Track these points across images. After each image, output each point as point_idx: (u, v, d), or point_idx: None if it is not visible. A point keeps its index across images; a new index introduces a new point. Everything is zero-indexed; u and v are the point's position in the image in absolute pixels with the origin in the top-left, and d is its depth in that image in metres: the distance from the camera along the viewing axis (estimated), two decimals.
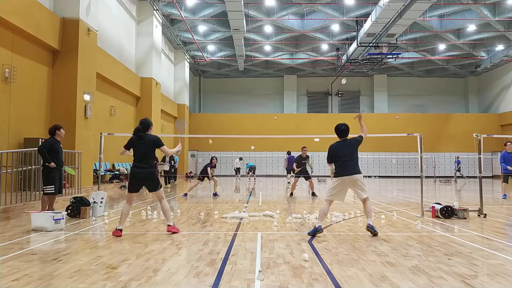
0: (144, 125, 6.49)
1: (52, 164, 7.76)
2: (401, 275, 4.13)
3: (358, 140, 6.61)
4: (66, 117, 12.71)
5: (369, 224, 6.32)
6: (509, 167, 12.39)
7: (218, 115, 34.66)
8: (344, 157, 6.43)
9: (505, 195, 12.88)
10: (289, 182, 14.54)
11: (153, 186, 6.52)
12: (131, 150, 6.54)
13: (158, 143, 6.47)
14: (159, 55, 23.32)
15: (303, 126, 32.34)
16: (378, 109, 36.19)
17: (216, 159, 14.13)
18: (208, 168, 13.76)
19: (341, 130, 6.62)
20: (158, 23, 22.74)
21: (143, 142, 6.40)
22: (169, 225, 6.59)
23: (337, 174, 6.49)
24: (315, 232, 6.24)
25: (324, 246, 5.60)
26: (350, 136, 6.71)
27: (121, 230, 6.31)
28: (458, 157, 27.18)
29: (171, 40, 28.16)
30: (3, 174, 8.26)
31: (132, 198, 6.56)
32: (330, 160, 6.62)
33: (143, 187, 6.64)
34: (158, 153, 8.74)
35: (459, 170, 26.40)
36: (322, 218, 6.44)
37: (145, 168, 6.39)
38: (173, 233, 6.47)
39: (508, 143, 12.63)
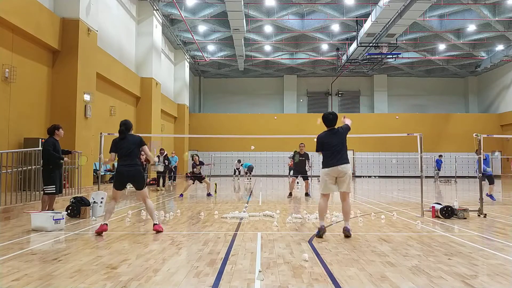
0: (127, 126, 6.65)
1: (66, 159, 8.05)
2: (401, 275, 4.13)
3: (345, 128, 6.50)
4: (66, 117, 12.71)
5: (346, 227, 6.17)
6: (488, 169, 12.35)
7: (218, 115, 34.65)
8: (332, 147, 6.33)
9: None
10: (298, 182, 14.54)
11: (139, 185, 6.62)
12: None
13: (142, 142, 6.68)
14: (159, 55, 23.33)
15: (303, 126, 32.32)
16: (378, 109, 36.19)
17: (198, 156, 14.00)
18: (194, 169, 13.74)
19: (329, 119, 6.51)
20: (158, 23, 22.74)
21: (127, 142, 6.56)
22: (155, 224, 6.59)
23: (325, 164, 6.39)
24: (319, 233, 6.12)
25: (324, 246, 5.60)
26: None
27: (106, 224, 6.37)
28: (440, 156, 26.92)
29: (171, 40, 28.16)
30: (3, 174, 8.26)
31: (118, 195, 6.69)
32: (319, 148, 6.51)
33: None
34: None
35: (438, 170, 26.24)
36: (322, 217, 6.32)
37: (133, 166, 6.51)
38: (158, 232, 6.48)
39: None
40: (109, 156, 6.75)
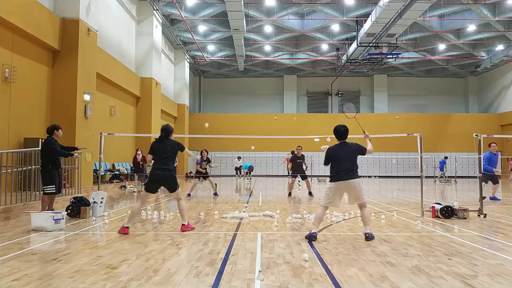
0: (166, 132, 6.86)
1: (77, 154, 8.47)
2: (401, 275, 4.13)
3: (360, 150, 6.30)
4: (66, 117, 12.71)
5: (368, 232, 6.06)
6: (496, 170, 12.33)
7: (218, 115, 34.65)
8: (341, 161, 6.15)
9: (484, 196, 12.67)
10: (299, 181, 14.53)
11: (172, 187, 6.76)
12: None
13: (181, 147, 6.98)
14: (159, 55, 23.33)
15: (303, 126, 32.37)
16: (378, 109, 36.20)
17: (207, 151, 13.88)
18: (198, 166, 13.67)
19: (340, 132, 6.33)
20: (158, 23, 22.74)
21: (164, 147, 6.75)
22: (183, 225, 6.74)
23: (332, 179, 6.22)
24: (309, 238, 5.96)
25: (324, 246, 5.60)
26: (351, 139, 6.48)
27: (128, 227, 6.48)
28: (446, 157, 26.97)
29: (171, 40, 28.16)
30: (3, 174, 8.26)
31: (147, 197, 6.92)
32: (326, 162, 6.37)
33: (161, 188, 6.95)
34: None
35: (442, 170, 26.26)
36: (317, 224, 6.19)
37: (166, 170, 6.68)
38: (184, 231, 6.63)
39: (493, 144, 12.61)
40: (147, 156, 7.00)
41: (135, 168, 16.61)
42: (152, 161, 6.83)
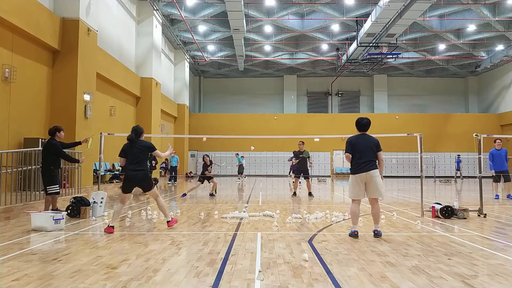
0: (137, 132, 6.86)
1: (83, 158, 8.83)
2: (401, 275, 4.13)
3: (378, 145, 6.34)
4: (66, 117, 12.72)
5: (377, 230, 6.15)
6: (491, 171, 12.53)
7: (218, 115, 34.67)
8: (361, 152, 6.23)
9: (497, 195, 12.67)
10: (300, 182, 14.46)
11: (147, 187, 6.84)
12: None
13: (152, 148, 6.94)
14: (159, 55, 23.33)
15: (303, 126, 32.38)
16: (378, 109, 36.20)
17: (208, 156, 13.77)
18: (206, 172, 13.52)
19: (362, 123, 6.45)
20: (158, 23, 22.74)
21: (136, 147, 6.76)
22: (168, 221, 6.91)
23: (353, 170, 6.29)
24: (352, 235, 6.07)
25: (324, 246, 5.60)
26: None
27: (113, 227, 6.54)
28: (459, 155, 27.23)
29: (171, 40, 28.17)
30: (3, 174, 8.26)
31: (126, 198, 6.92)
32: (349, 150, 6.34)
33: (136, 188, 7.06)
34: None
35: (458, 169, 26.48)
36: (355, 221, 6.19)
37: (140, 170, 6.72)
38: (171, 226, 6.86)
39: (497, 141, 12.73)
40: (119, 160, 6.97)
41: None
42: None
